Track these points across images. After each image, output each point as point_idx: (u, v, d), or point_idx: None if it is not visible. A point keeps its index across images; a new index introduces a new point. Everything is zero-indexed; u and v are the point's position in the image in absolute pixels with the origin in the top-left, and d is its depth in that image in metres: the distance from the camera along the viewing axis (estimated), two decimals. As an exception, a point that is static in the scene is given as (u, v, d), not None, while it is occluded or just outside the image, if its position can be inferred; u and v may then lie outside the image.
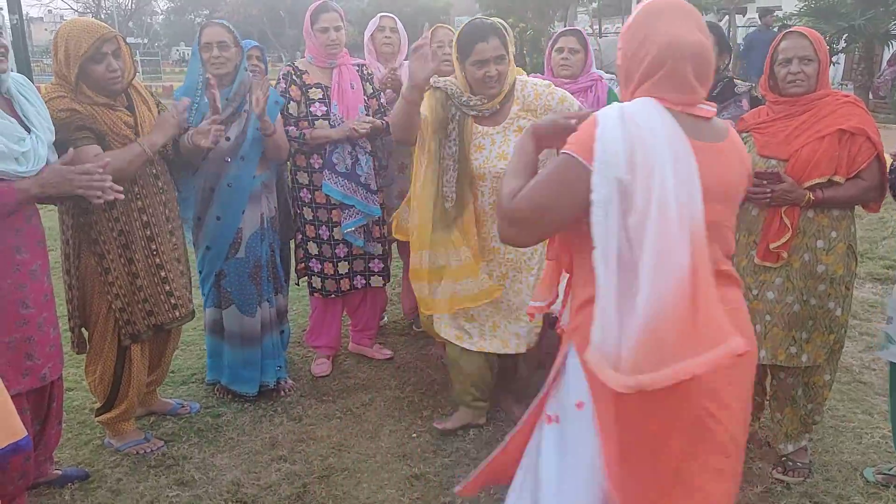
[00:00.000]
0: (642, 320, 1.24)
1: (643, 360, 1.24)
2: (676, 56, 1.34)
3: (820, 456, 2.57)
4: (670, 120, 1.32)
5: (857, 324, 3.76)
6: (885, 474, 2.43)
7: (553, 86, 2.54)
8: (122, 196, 2.15)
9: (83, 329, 2.52)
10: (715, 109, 1.43)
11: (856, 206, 2.36)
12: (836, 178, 2.24)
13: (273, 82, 3.02)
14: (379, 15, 3.48)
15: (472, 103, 2.47)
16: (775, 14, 13.44)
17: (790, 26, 10.36)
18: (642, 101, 1.35)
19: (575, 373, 1.43)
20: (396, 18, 3.49)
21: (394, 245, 3.56)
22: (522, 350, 2.64)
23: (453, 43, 2.46)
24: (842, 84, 15.31)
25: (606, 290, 1.28)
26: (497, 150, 2.48)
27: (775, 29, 12.74)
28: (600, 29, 24.58)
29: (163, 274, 2.50)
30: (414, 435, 2.78)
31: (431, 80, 2.44)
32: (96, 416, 2.65)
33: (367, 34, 3.47)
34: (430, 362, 3.43)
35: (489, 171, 2.47)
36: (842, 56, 13.69)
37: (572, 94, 3.03)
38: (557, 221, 1.38)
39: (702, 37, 1.37)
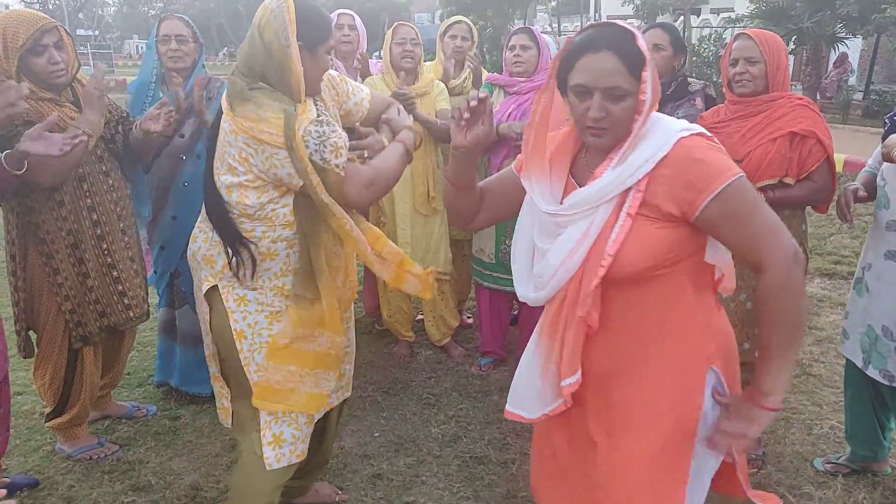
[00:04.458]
0: None
1: None
2: None
3: (772, 447, 2.65)
4: None
5: (807, 318, 3.88)
6: (833, 463, 2.52)
7: None
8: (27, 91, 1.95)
9: (30, 332, 2.42)
10: None
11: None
12: (787, 180, 2.30)
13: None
14: (337, 12, 3.36)
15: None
16: (728, 16, 13.79)
17: (743, 27, 10.61)
18: None
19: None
20: (355, 15, 3.41)
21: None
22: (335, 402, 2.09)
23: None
24: (791, 85, 15.82)
25: None
26: None
27: (728, 30, 13.03)
28: (559, 27, 24.84)
29: (115, 274, 2.43)
30: (376, 434, 2.77)
31: None
32: (46, 422, 2.56)
33: None
34: (393, 361, 3.42)
35: None
36: (791, 57, 14.12)
37: (528, 91, 3.03)
38: None
39: None
